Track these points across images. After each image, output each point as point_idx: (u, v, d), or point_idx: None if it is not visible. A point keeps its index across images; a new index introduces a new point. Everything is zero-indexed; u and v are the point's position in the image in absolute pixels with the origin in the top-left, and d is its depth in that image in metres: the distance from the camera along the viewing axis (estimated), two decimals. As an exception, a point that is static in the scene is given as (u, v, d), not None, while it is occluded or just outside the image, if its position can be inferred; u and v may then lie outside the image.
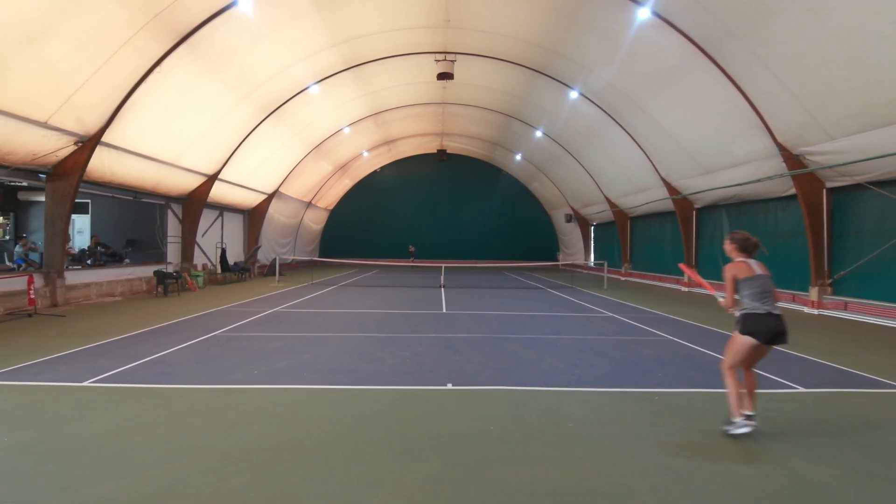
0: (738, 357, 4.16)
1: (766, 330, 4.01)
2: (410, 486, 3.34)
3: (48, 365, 6.36)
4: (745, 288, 4.12)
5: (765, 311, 4.02)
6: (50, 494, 3.16)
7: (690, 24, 12.14)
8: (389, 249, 35.09)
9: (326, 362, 6.69)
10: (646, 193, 20.71)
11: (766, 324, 4.01)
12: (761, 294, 4.06)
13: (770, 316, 4.02)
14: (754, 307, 4.06)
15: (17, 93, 9.73)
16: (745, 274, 4.13)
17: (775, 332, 4.03)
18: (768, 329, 4.01)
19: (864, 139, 10.44)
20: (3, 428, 4.23)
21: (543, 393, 5.45)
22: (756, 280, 4.09)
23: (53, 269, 12.14)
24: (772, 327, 4.01)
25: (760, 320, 4.02)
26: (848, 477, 3.54)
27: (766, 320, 4.01)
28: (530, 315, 11.52)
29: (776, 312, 4.04)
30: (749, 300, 4.10)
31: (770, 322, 4.01)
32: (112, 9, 9.86)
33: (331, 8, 14.15)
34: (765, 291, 4.07)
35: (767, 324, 4.01)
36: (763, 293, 4.06)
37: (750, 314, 4.07)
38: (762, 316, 4.02)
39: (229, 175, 18.89)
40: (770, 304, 4.05)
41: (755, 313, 4.04)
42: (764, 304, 4.04)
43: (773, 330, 4.02)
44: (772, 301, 4.07)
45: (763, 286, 4.08)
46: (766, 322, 4.01)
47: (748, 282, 4.11)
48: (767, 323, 4.01)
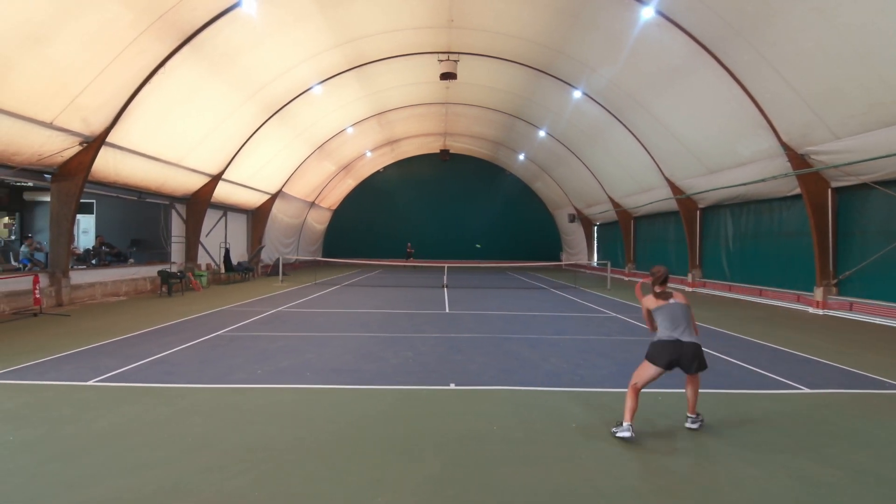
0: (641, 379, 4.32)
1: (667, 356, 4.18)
2: (413, 485, 3.34)
3: (53, 364, 6.40)
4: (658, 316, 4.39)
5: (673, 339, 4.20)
6: (54, 493, 3.18)
7: (694, 24, 12.09)
8: (393, 249, 35.11)
9: (329, 362, 6.70)
10: (649, 193, 20.64)
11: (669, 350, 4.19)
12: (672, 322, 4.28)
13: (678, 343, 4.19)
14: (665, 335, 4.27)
15: (23, 93, 9.79)
16: (655, 305, 4.42)
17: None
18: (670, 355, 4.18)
19: (870, 138, 10.37)
20: (8, 427, 4.26)
21: (547, 393, 5.44)
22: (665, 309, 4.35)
23: (58, 269, 12.21)
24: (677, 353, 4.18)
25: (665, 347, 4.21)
26: (853, 478, 3.52)
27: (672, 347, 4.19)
28: (533, 315, 11.50)
29: (686, 339, 4.19)
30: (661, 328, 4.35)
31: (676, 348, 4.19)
32: (117, 9, 9.90)
33: (334, 8, 14.18)
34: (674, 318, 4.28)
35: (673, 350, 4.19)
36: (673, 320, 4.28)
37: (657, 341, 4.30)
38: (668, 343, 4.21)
39: (233, 175, 18.95)
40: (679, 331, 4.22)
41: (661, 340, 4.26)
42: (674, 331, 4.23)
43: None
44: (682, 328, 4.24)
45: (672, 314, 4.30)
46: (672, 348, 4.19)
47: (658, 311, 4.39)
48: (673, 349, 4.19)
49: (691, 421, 4.43)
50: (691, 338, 4.19)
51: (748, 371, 6.55)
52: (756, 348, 8.03)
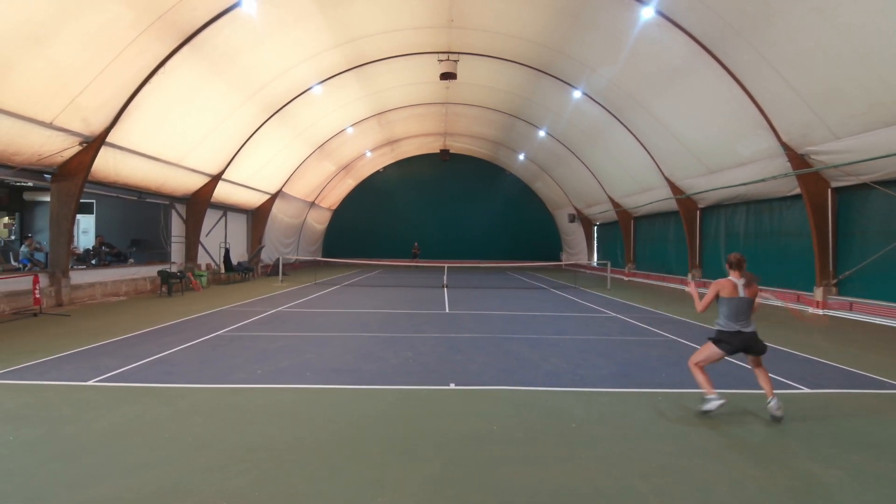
0: (707, 358, 4.78)
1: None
2: (413, 486, 3.34)
3: (53, 364, 6.40)
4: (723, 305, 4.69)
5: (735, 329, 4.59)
6: (55, 492, 3.18)
7: (694, 23, 12.10)
8: (393, 249, 35.12)
9: (329, 362, 6.70)
10: (649, 193, 20.65)
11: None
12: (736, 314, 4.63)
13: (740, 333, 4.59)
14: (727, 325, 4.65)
15: (23, 93, 9.79)
16: (727, 293, 4.65)
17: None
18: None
19: (870, 138, 10.37)
20: (8, 427, 4.26)
21: (547, 393, 5.45)
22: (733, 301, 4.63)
23: (58, 269, 12.21)
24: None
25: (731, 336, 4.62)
26: (853, 477, 3.52)
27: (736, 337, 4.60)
28: (533, 315, 11.50)
29: (747, 331, 4.58)
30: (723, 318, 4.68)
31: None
32: (117, 9, 9.90)
33: (334, 8, 14.18)
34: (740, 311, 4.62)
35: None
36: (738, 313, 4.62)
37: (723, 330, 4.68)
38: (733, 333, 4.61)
39: (233, 175, 18.95)
40: (742, 322, 4.60)
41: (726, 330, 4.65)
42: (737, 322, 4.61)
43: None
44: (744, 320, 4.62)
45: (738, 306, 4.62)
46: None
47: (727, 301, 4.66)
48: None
49: (776, 406, 4.50)
50: (750, 327, 4.58)
51: (748, 371, 6.53)
52: (756, 348, 8.02)
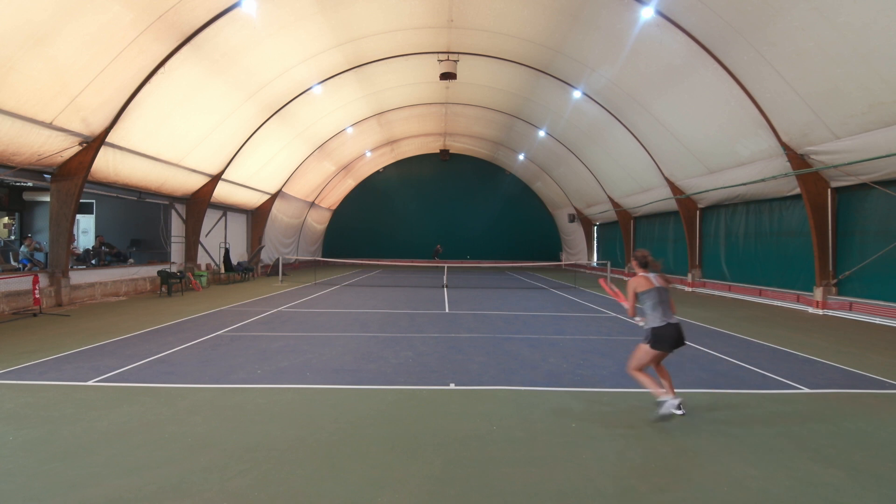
0: (642, 361, 4.62)
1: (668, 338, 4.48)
2: (414, 485, 3.35)
3: (53, 364, 6.40)
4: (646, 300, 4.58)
5: (664, 323, 4.47)
6: (56, 492, 3.18)
7: (694, 24, 12.10)
8: (392, 249, 35.14)
9: (329, 362, 6.71)
10: (649, 193, 20.65)
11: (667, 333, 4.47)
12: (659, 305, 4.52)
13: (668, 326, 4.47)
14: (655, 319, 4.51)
15: (23, 93, 9.79)
16: (644, 287, 4.59)
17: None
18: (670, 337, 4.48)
19: (870, 138, 10.38)
20: (9, 427, 4.26)
21: (547, 393, 5.45)
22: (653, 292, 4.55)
23: (58, 269, 12.21)
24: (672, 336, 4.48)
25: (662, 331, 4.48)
26: (853, 478, 3.52)
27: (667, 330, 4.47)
28: (533, 315, 11.50)
29: (673, 321, 4.50)
30: (650, 311, 4.56)
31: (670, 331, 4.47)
32: (117, 10, 9.91)
33: (334, 8, 14.18)
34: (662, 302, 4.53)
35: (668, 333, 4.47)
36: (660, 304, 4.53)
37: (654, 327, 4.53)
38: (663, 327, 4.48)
39: (233, 175, 18.95)
40: (668, 314, 4.51)
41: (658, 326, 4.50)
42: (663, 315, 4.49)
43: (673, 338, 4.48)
44: (669, 311, 4.54)
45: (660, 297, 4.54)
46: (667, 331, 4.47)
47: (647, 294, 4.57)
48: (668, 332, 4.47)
49: (679, 406, 4.42)
50: (675, 318, 4.54)
51: (748, 371, 6.56)
52: (756, 348, 8.04)
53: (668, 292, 4.57)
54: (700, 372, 6.46)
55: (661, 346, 4.46)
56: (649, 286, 4.53)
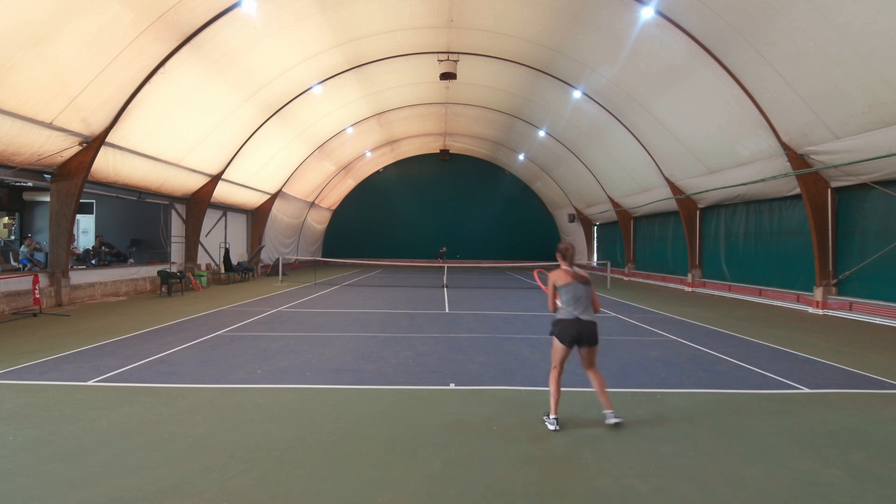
0: (555, 357, 4.51)
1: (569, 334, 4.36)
2: (414, 485, 3.35)
3: (53, 364, 6.40)
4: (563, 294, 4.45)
5: (573, 317, 4.35)
6: (56, 492, 3.18)
7: (694, 24, 12.10)
8: (392, 249, 35.16)
9: (329, 362, 6.71)
10: (649, 193, 20.65)
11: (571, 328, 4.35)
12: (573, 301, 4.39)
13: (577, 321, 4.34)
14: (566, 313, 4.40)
15: (23, 93, 9.79)
16: (563, 281, 4.45)
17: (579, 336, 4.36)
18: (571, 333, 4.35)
19: (870, 138, 10.38)
20: (9, 427, 4.26)
21: (547, 393, 5.43)
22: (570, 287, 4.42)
23: (58, 269, 12.21)
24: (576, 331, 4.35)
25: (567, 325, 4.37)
26: (853, 478, 3.52)
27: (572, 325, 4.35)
28: (533, 315, 11.50)
29: (584, 318, 4.35)
30: (564, 306, 4.44)
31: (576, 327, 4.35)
32: (117, 10, 9.91)
33: (334, 8, 14.18)
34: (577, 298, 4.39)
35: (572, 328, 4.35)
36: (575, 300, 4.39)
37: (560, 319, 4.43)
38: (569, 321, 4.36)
39: (233, 175, 18.95)
40: (580, 310, 4.37)
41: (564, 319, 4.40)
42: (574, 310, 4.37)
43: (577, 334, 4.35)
44: (582, 307, 4.38)
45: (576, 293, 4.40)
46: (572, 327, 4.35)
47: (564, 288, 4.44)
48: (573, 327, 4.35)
49: (612, 416, 4.39)
50: (590, 316, 4.39)
51: (748, 371, 6.56)
52: (756, 348, 8.04)
53: (587, 288, 4.44)
54: (700, 372, 6.46)
55: (562, 340, 4.37)
56: (568, 280, 4.43)
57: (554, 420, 4.36)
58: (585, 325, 4.33)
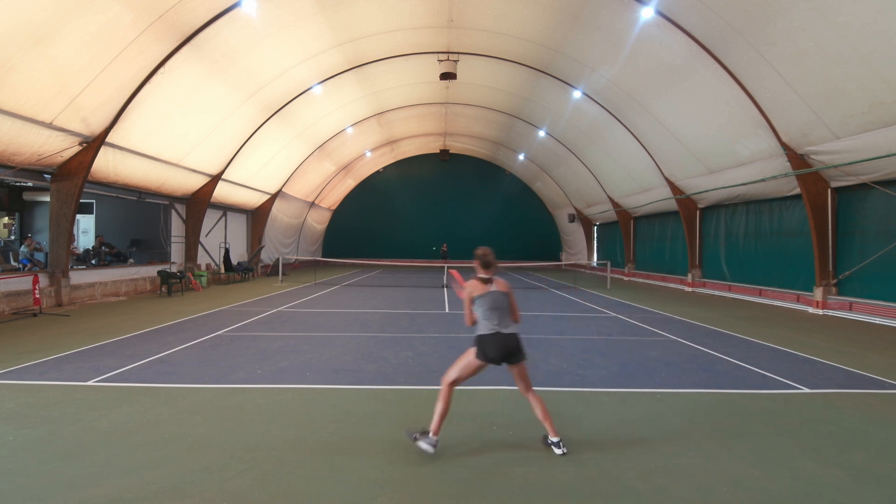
0: (463, 372, 3.95)
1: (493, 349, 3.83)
2: (413, 485, 3.35)
3: (53, 364, 6.40)
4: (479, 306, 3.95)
5: (493, 331, 3.85)
6: (56, 492, 3.18)
7: (694, 24, 12.10)
8: (392, 249, 35.16)
9: (329, 362, 6.71)
10: (649, 193, 20.65)
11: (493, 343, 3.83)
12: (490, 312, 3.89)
13: (498, 335, 3.84)
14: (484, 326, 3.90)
15: (23, 93, 9.79)
16: (479, 292, 3.96)
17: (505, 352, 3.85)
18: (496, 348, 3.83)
19: (870, 138, 10.38)
20: (9, 426, 4.26)
21: (547, 393, 5.44)
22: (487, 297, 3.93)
23: (58, 269, 12.21)
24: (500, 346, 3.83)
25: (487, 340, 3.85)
26: (853, 478, 3.52)
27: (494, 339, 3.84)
28: (533, 315, 11.50)
29: (505, 332, 3.85)
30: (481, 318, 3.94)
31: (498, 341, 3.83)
32: (117, 10, 9.91)
33: (334, 8, 14.18)
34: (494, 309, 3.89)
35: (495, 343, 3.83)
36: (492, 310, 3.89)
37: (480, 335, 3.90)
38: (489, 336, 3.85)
39: (233, 175, 18.95)
40: (499, 324, 3.87)
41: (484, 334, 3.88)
42: (491, 322, 3.87)
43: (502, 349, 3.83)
44: (500, 319, 3.88)
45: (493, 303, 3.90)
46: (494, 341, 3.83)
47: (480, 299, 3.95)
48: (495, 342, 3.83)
49: (556, 445, 3.87)
50: (510, 328, 3.88)
51: (748, 371, 6.56)
52: (756, 348, 8.04)
53: (506, 297, 3.96)
54: (700, 372, 6.46)
55: (484, 357, 3.84)
56: (485, 290, 3.93)
57: (433, 441, 3.78)
58: (509, 338, 3.83)
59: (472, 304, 3.98)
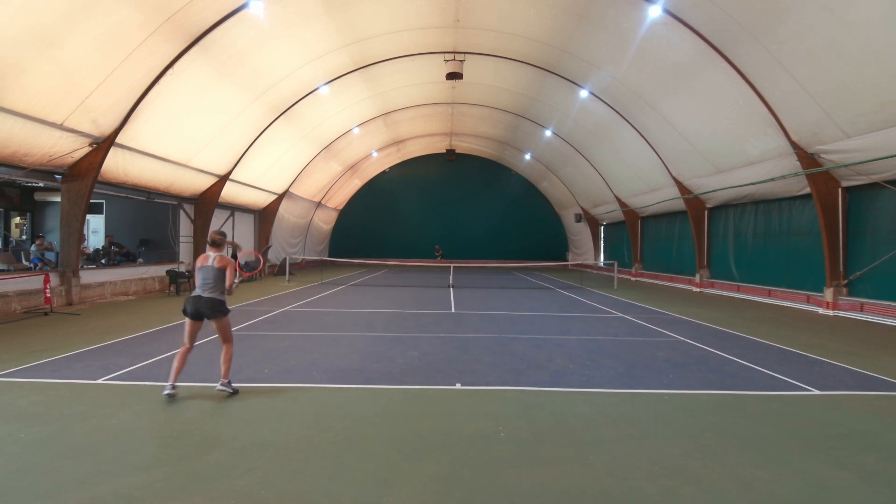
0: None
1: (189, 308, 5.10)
2: (420, 485, 3.35)
3: (64, 363, 6.47)
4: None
5: (195, 295, 5.11)
6: (66, 489, 3.21)
7: (702, 22, 12.02)
8: (398, 249, 35.20)
9: (336, 361, 6.73)
10: (657, 193, 20.53)
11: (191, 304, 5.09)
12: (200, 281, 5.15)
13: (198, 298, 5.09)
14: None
15: (34, 95, 9.91)
16: (200, 264, 5.20)
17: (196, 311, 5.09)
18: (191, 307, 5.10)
19: (881, 137, 10.25)
20: (20, 424, 4.31)
21: (554, 393, 5.43)
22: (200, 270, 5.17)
23: (69, 269, 12.34)
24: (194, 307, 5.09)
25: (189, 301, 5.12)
26: (864, 480, 3.48)
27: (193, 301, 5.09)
28: (540, 315, 11.47)
29: (204, 295, 5.08)
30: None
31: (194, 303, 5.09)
32: (126, 11, 10.00)
33: (341, 9, 14.22)
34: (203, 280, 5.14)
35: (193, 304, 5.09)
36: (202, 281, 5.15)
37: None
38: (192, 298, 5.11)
39: (240, 175, 19.07)
40: (201, 289, 5.11)
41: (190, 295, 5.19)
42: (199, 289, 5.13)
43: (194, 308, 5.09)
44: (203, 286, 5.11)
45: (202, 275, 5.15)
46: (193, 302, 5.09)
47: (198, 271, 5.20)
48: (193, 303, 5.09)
49: (220, 387, 5.10)
50: (207, 293, 5.06)
51: (756, 372, 6.51)
52: (764, 349, 7.97)
53: (217, 271, 5.11)
54: (708, 373, 6.42)
55: (184, 310, 5.11)
56: (203, 264, 5.16)
57: (169, 387, 4.97)
58: (203, 301, 5.04)
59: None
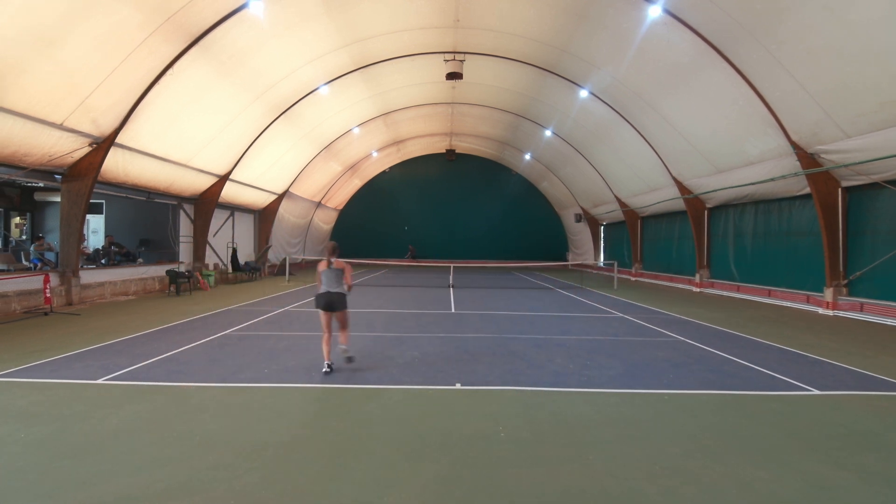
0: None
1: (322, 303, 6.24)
2: (420, 485, 3.35)
3: (64, 363, 6.47)
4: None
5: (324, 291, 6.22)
6: (66, 490, 3.21)
7: (702, 22, 12.02)
8: (399, 249, 35.19)
9: (336, 361, 6.72)
10: (657, 193, 20.53)
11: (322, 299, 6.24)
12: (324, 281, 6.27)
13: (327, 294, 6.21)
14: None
15: (34, 95, 9.91)
16: (323, 268, 6.30)
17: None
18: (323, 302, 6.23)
19: (881, 137, 10.25)
20: (20, 424, 4.31)
21: (553, 393, 5.43)
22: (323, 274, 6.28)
23: (69, 269, 12.34)
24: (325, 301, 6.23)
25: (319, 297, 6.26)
26: (864, 480, 3.48)
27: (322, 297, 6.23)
28: (540, 315, 11.47)
29: (333, 291, 6.20)
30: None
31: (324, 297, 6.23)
32: (126, 12, 10.00)
33: (341, 9, 14.22)
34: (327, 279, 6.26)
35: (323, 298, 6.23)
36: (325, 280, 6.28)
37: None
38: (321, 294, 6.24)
39: (240, 175, 19.06)
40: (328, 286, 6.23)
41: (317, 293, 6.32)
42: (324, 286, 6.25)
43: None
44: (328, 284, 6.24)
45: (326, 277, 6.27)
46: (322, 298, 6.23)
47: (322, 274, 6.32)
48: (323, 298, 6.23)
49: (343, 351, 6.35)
50: (336, 289, 6.19)
51: (756, 372, 6.51)
52: (764, 349, 7.97)
53: (337, 272, 6.27)
54: (708, 373, 6.42)
55: (316, 303, 6.29)
56: (324, 268, 6.25)
57: (325, 364, 6.20)
58: (332, 295, 6.19)
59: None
